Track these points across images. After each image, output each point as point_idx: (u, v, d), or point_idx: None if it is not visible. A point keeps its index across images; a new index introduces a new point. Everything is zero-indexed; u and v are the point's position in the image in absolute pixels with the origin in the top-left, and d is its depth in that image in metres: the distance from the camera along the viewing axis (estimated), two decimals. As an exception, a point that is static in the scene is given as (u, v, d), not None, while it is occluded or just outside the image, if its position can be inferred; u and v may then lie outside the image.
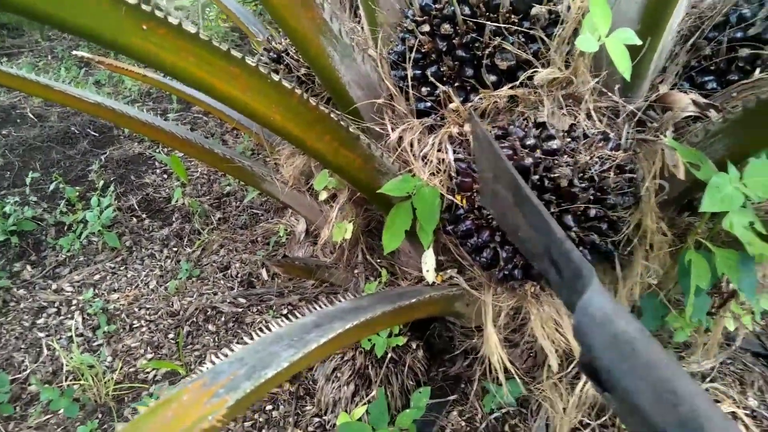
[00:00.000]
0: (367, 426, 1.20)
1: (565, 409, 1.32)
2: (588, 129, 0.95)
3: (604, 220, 0.96)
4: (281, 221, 2.15)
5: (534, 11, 0.94)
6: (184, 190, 2.47)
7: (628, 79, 0.84)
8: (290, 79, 1.40)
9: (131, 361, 1.68)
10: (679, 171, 0.92)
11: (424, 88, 1.06)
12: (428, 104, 1.07)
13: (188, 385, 0.57)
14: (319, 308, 0.82)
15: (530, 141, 0.92)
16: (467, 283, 1.20)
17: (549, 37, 0.95)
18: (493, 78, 0.99)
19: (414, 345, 1.45)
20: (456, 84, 1.03)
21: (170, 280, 1.98)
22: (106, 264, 2.08)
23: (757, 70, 0.95)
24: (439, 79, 1.04)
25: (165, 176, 2.62)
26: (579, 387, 1.24)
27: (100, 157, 2.68)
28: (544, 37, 0.94)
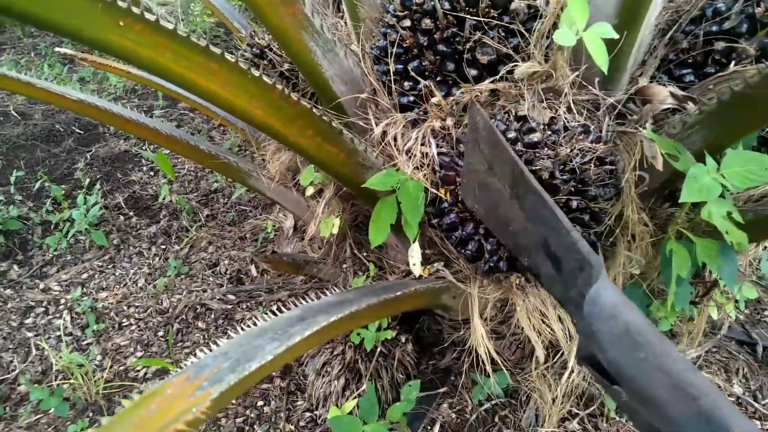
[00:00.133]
0: (357, 420, 1.21)
1: (554, 400, 1.34)
2: (568, 122, 0.96)
3: (586, 211, 0.98)
4: (269, 217, 2.15)
5: (513, 6, 0.95)
6: (171, 187, 2.46)
7: (605, 72, 0.85)
8: (274, 75, 1.40)
9: (121, 359, 1.68)
10: (657, 162, 0.93)
11: (406, 83, 1.06)
12: (411, 99, 1.08)
13: (173, 379, 0.57)
14: (304, 302, 0.83)
15: (511, 134, 0.93)
16: (454, 275, 1.21)
17: (528, 31, 0.96)
18: (474, 72, 1.00)
19: (403, 338, 1.45)
20: (438, 78, 1.04)
21: (159, 278, 1.98)
22: (93, 262, 2.07)
23: (732, 63, 0.96)
24: (421, 74, 1.05)
25: (152, 174, 2.60)
26: (565, 377, 1.26)
27: (86, 155, 2.65)
28: (524, 31, 0.95)
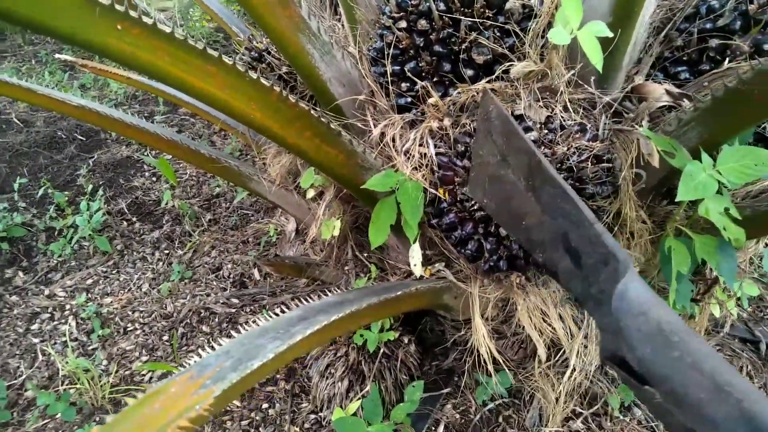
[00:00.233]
0: (361, 421, 1.21)
1: (557, 399, 1.35)
2: (565, 120, 0.97)
3: (584, 209, 0.98)
4: (271, 221, 2.16)
5: (508, 6, 0.96)
6: (174, 192, 2.47)
7: (600, 70, 0.86)
8: (272, 78, 1.41)
9: (126, 363, 1.69)
10: (653, 159, 0.94)
11: (403, 84, 1.07)
12: (408, 100, 1.09)
13: (176, 378, 0.58)
14: (305, 303, 0.84)
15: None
16: (454, 275, 1.22)
17: (523, 31, 0.97)
18: (470, 72, 1.00)
19: (406, 340, 1.46)
20: (434, 79, 1.05)
21: (163, 283, 1.99)
22: (98, 268, 2.08)
23: (727, 59, 0.97)
24: (418, 75, 1.05)
25: (154, 179, 2.62)
26: (567, 376, 1.27)
27: (88, 162, 2.67)
28: (519, 31, 0.96)
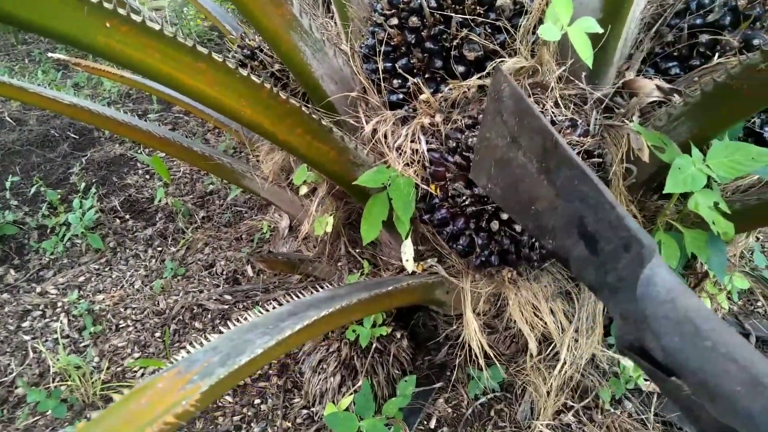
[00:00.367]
0: (353, 416, 1.22)
1: (548, 392, 1.35)
2: (556, 116, 0.97)
3: (574, 204, 0.99)
4: (265, 218, 2.16)
5: (499, 2, 0.96)
6: (167, 189, 2.46)
7: (590, 66, 0.86)
8: (265, 75, 1.41)
9: (118, 360, 1.68)
10: (644, 154, 0.95)
11: (395, 81, 1.07)
12: (400, 96, 1.09)
13: (164, 374, 0.58)
14: (295, 298, 0.84)
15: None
16: (446, 271, 1.22)
17: (514, 27, 0.97)
18: (461, 69, 1.01)
19: (398, 335, 1.46)
20: (426, 76, 1.05)
21: (155, 280, 1.98)
22: (90, 265, 2.07)
23: (717, 55, 0.97)
24: (410, 71, 1.06)
25: (147, 177, 2.61)
26: (557, 369, 1.27)
27: (81, 160, 2.66)
28: (510, 27, 0.96)
